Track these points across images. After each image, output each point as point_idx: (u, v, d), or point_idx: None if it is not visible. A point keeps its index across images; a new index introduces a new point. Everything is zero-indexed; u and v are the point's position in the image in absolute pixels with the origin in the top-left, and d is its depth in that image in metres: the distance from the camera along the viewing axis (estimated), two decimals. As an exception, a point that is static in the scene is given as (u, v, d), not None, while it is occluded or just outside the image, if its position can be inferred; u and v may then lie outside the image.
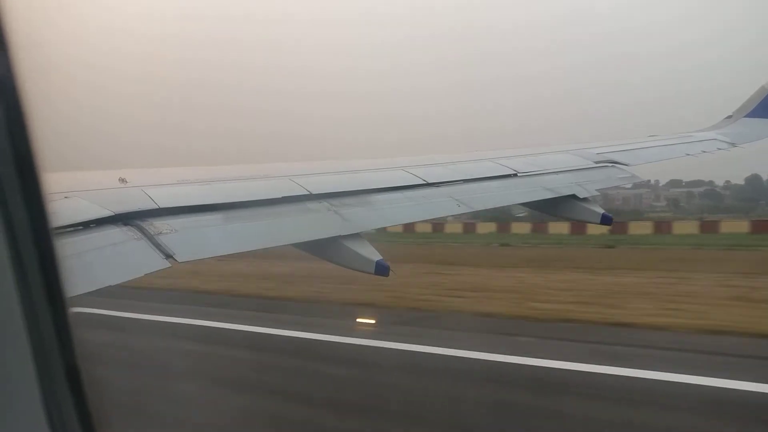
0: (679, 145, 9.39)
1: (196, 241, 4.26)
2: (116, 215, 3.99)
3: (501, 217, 58.18)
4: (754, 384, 11.36)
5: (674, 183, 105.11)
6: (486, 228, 62.95)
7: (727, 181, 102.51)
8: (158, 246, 3.93)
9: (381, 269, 4.80)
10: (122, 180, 4.44)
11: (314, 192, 5.24)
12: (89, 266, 3.60)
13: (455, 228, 63.61)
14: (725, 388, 11.35)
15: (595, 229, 49.07)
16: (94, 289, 3.43)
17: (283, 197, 5.08)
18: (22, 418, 2.01)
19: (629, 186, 8.09)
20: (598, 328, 17.75)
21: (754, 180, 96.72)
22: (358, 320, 20.25)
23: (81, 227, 3.81)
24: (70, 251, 3.49)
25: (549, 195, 6.86)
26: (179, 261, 3.93)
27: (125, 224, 4.01)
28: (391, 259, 4.94)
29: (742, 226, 54.55)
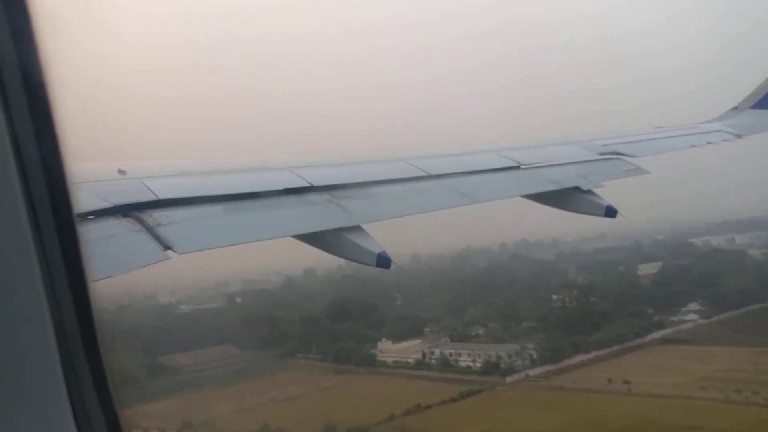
0: (684, 136, 9.30)
1: (196, 233, 4.24)
2: (115, 207, 3.96)
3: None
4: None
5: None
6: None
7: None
8: (157, 237, 3.91)
9: (382, 261, 4.75)
10: (121, 171, 4.41)
11: (315, 184, 5.20)
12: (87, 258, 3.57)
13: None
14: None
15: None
16: (92, 281, 3.40)
17: (284, 189, 5.04)
18: (45, 398, 2.06)
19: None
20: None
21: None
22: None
23: (79, 219, 3.78)
24: None
25: (552, 187, 6.78)
26: (178, 253, 3.90)
27: (124, 216, 3.98)
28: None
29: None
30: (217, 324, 68.05)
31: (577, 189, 6.85)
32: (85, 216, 3.81)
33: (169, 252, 3.93)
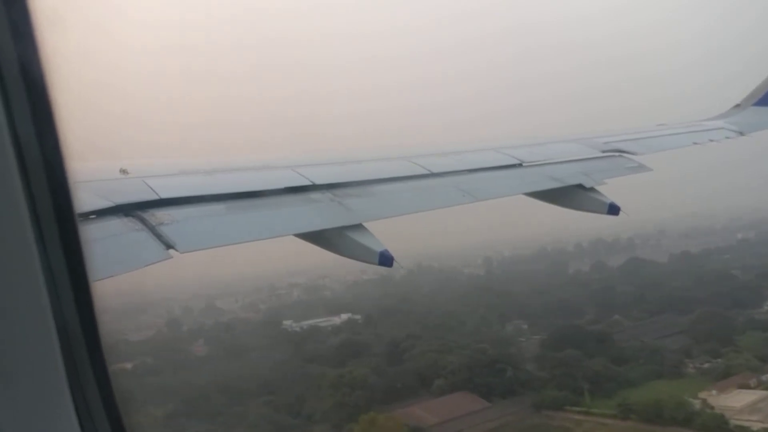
0: (687, 134, 9.28)
1: (198, 232, 4.23)
2: (117, 206, 3.96)
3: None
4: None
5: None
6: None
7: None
8: (159, 237, 3.90)
9: (384, 260, 4.73)
10: (123, 171, 4.41)
11: (317, 182, 5.19)
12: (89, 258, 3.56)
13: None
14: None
15: None
16: (94, 281, 3.40)
17: (285, 188, 5.03)
18: (48, 398, 2.06)
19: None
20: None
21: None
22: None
23: (81, 219, 3.77)
24: None
25: (555, 185, 6.76)
26: (180, 252, 3.89)
27: (126, 215, 3.98)
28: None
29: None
30: (379, 352, 55.57)
31: (579, 186, 6.83)
32: (87, 215, 3.80)
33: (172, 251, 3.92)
